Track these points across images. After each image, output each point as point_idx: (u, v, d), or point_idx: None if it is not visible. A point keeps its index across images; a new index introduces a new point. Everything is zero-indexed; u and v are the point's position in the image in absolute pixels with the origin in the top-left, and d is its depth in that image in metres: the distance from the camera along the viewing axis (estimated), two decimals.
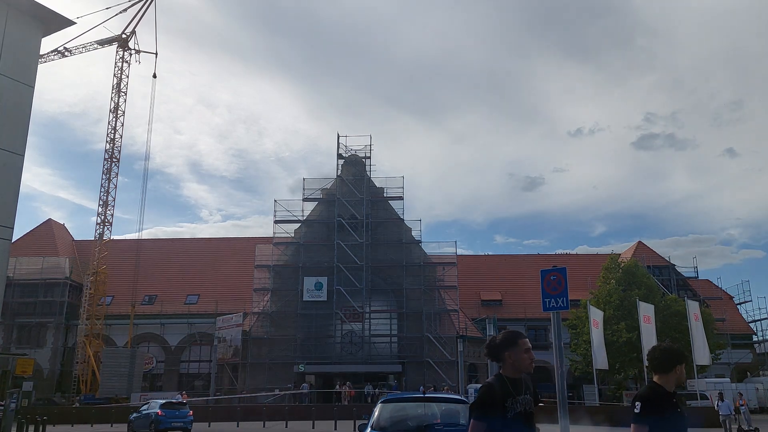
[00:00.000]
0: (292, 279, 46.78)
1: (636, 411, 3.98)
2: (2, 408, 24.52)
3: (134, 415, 26.55)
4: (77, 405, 40.81)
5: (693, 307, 33.53)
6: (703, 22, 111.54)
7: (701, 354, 32.23)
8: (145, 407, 26.34)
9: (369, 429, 8.52)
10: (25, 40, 15.24)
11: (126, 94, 51.67)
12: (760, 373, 49.58)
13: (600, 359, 32.73)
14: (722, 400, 23.66)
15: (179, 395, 34.89)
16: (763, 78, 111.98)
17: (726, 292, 55.12)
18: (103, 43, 51.52)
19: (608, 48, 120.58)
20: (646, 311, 32.91)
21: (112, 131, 51.33)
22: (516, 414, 4.01)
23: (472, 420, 3.95)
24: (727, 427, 22.96)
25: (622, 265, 44.80)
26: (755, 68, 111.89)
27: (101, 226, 50.85)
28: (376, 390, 40.19)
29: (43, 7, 15.39)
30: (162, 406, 24.73)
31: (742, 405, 24.27)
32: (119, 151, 51.42)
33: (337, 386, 41.44)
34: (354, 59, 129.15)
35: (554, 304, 11.41)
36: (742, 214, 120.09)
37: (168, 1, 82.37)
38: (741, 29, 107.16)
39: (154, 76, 53.15)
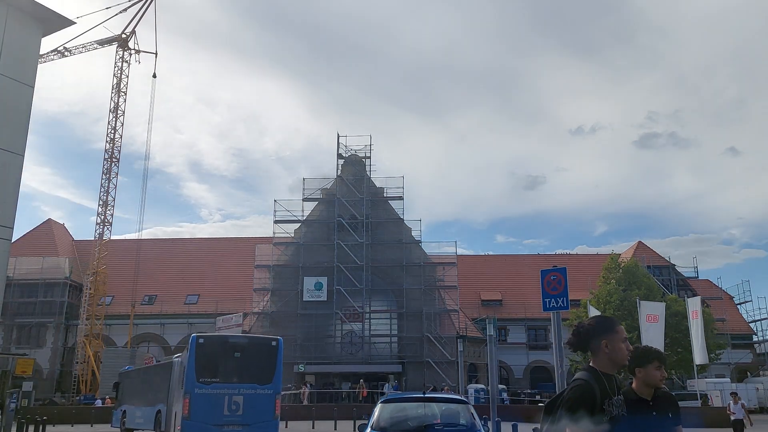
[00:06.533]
0: (292, 279, 46.76)
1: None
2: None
3: None
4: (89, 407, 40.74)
5: (693, 304, 33.44)
6: (707, 21, 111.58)
7: (700, 353, 32.17)
8: None
9: (369, 429, 8.52)
10: (25, 40, 15.24)
11: (126, 94, 51.78)
12: (760, 373, 49.58)
13: None
14: (735, 403, 23.24)
15: None
16: (766, 77, 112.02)
17: (726, 292, 55.12)
18: (103, 43, 51.56)
19: (611, 46, 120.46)
20: (652, 310, 32.84)
21: (112, 131, 51.40)
22: (612, 418, 3.36)
23: (568, 429, 3.21)
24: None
25: (623, 265, 44.80)
26: (758, 67, 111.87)
27: (101, 226, 50.94)
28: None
29: (43, 7, 15.40)
30: None
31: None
32: (119, 151, 51.56)
33: (333, 386, 41.60)
34: (355, 57, 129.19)
35: (554, 304, 11.46)
36: (744, 213, 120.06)
37: None
38: (744, 28, 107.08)
39: (154, 75, 53.24)
